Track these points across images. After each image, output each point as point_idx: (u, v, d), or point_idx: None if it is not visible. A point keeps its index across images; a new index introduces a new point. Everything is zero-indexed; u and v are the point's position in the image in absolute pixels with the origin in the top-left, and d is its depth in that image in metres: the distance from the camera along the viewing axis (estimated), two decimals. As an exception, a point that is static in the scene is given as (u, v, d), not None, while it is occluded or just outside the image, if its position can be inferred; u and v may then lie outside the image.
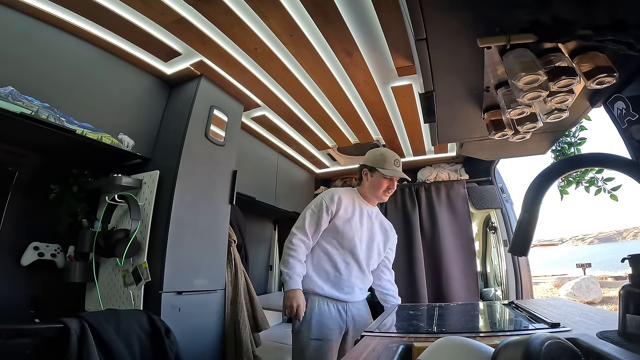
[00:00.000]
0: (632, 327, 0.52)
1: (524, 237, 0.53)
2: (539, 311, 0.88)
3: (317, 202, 1.22)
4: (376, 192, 1.26)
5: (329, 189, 1.30)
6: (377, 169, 1.23)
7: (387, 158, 1.23)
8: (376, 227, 1.31)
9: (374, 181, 1.26)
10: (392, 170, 1.23)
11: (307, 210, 1.22)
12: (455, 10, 0.53)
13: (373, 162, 1.25)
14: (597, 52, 0.52)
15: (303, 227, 1.18)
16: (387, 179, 1.24)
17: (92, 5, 0.96)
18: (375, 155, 1.27)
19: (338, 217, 1.20)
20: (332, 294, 1.17)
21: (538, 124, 0.71)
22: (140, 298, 1.08)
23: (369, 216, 1.30)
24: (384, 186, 1.24)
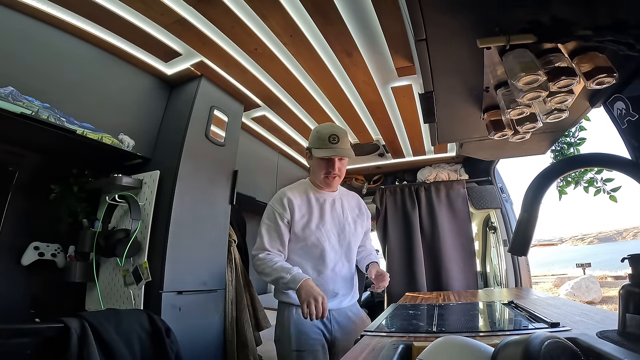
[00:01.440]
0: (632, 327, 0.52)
1: (523, 237, 0.53)
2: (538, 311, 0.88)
3: (269, 213, 1.05)
4: (318, 177, 1.06)
5: (278, 192, 1.10)
6: (312, 149, 1.04)
7: (321, 135, 1.02)
8: (343, 211, 1.12)
9: (313, 165, 1.07)
10: (326, 149, 1.00)
11: (262, 227, 1.04)
12: (454, 10, 0.53)
13: (309, 142, 1.07)
14: (597, 52, 0.52)
15: (263, 247, 1.01)
16: (324, 161, 1.03)
17: (93, 6, 0.96)
18: (311, 135, 1.07)
19: (295, 223, 1.03)
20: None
21: (538, 124, 0.71)
22: (140, 298, 1.08)
23: (332, 204, 1.10)
24: (322, 170, 1.04)
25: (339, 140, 1.01)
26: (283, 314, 1.04)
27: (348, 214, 1.13)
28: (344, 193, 1.18)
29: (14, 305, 1.13)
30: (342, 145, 1.02)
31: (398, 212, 2.20)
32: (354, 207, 1.18)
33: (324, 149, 1.01)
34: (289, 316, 1.01)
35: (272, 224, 1.04)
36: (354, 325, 1.07)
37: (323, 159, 1.02)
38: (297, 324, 0.99)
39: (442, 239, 2.04)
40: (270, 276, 0.97)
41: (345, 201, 1.15)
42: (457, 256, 2.02)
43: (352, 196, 1.20)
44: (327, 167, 1.03)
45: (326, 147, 1.01)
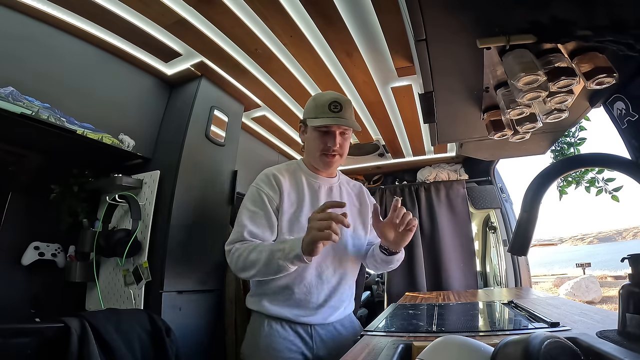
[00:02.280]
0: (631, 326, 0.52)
1: (523, 236, 0.53)
2: (538, 310, 0.88)
3: (253, 196, 0.83)
4: (313, 155, 0.87)
5: (263, 172, 0.89)
6: (307, 120, 0.86)
7: (320, 102, 0.84)
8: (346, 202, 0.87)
9: (307, 141, 0.88)
10: (325, 117, 0.81)
11: (242, 215, 0.82)
12: (454, 11, 0.53)
13: (305, 113, 0.89)
14: (597, 52, 0.52)
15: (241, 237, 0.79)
16: (321, 133, 0.83)
17: (93, 6, 0.96)
18: (307, 104, 0.90)
19: (282, 213, 0.82)
20: (283, 314, 0.83)
21: (537, 124, 0.71)
22: (140, 297, 1.08)
23: (329, 192, 0.90)
24: (319, 144, 0.84)
25: (342, 108, 0.82)
26: (255, 325, 0.86)
27: (349, 205, 0.92)
28: (344, 181, 0.98)
29: (14, 305, 1.13)
30: (346, 114, 0.83)
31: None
32: (354, 198, 0.98)
33: (323, 117, 0.81)
34: (259, 329, 0.83)
35: (259, 209, 0.81)
36: (343, 340, 0.88)
37: (320, 130, 0.82)
38: (268, 339, 0.81)
39: (442, 239, 2.04)
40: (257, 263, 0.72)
41: (344, 191, 0.95)
42: (457, 256, 2.02)
43: (353, 185, 1.01)
44: (326, 141, 0.83)
45: (325, 116, 0.81)
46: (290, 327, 0.84)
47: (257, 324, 0.85)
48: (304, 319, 0.84)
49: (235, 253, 0.78)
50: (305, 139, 0.91)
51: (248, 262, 0.75)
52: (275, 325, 0.84)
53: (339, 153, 0.87)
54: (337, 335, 0.89)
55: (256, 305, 0.87)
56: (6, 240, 1.14)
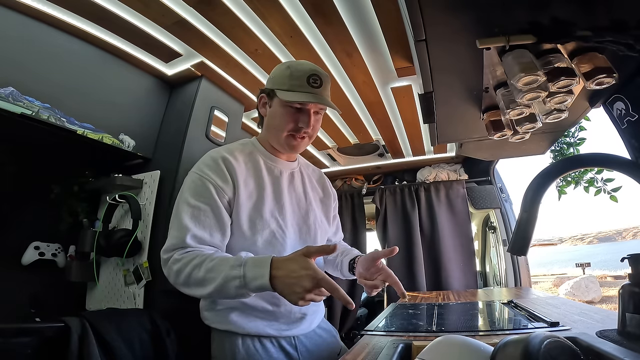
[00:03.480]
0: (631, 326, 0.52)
1: (523, 236, 0.53)
2: (538, 310, 0.88)
3: (195, 186, 0.67)
4: (277, 134, 0.72)
5: (207, 154, 0.73)
6: (276, 91, 0.70)
7: (296, 72, 0.69)
8: (304, 190, 0.80)
9: (273, 114, 0.73)
10: (301, 92, 0.68)
11: (181, 212, 0.66)
12: (454, 11, 0.53)
13: (272, 81, 0.73)
14: (597, 52, 0.52)
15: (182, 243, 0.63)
16: (292, 110, 0.70)
17: (93, 7, 0.96)
18: (277, 70, 0.74)
19: (239, 205, 0.67)
20: (263, 330, 0.69)
21: (537, 124, 0.71)
22: (141, 297, 1.08)
23: (290, 179, 0.78)
24: (288, 122, 0.70)
25: (321, 83, 0.70)
26: (223, 347, 0.69)
27: (310, 195, 0.80)
28: (303, 164, 0.85)
29: (14, 305, 1.13)
30: (325, 92, 0.71)
31: (398, 211, 2.20)
32: (316, 185, 0.85)
33: (299, 92, 0.68)
34: (234, 352, 0.67)
35: (204, 204, 0.65)
36: (326, 345, 0.80)
37: (292, 106, 0.69)
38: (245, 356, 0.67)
39: (442, 239, 2.04)
40: (205, 284, 0.57)
41: (306, 177, 0.83)
42: (457, 256, 2.02)
43: (313, 171, 0.88)
44: (297, 119, 0.70)
45: (303, 90, 0.68)
46: (271, 343, 0.70)
47: (228, 345, 0.68)
48: (287, 332, 0.72)
49: (173, 266, 0.62)
50: (268, 113, 0.74)
51: (192, 281, 0.59)
52: (254, 344, 0.68)
53: (309, 135, 0.74)
54: (321, 342, 0.80)
55: (222, 322, 0.70)
56: (6, 240, 1.14)
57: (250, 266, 0.55)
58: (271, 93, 0.73)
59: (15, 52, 0.94)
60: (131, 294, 1.10)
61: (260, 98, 0.77)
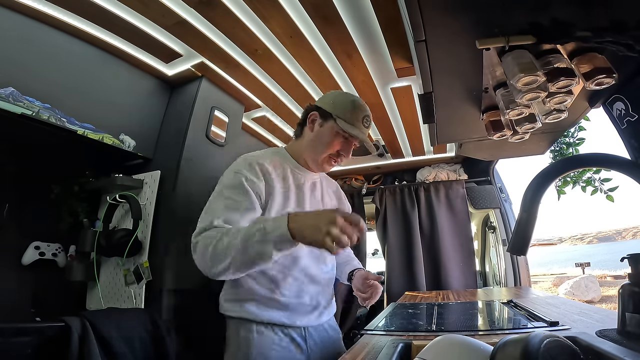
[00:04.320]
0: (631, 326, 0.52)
1: (522, 236, 0.53)
2: (537, 310, 0.88)
3: (231, 181, 0.73)
4: (318, 153, 0.81)
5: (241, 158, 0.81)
6: (335, 118, 0.79)
7: (357, 109, 0.81)
8: (322, 199, 0.89)
9: (323, 134, 0.81)
10: (356, 128, 0.80)
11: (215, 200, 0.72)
12: (454, 12, 0.53)
13: (333, 106, 0.81)
14: (596, 53, 0.52)
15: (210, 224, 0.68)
16: (340, 138, 0.80)
17: (93, 7, 0.96)
18: (340, 99, 0.83)
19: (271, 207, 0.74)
20: (276, 319, 0.75)
21: (537, 124, 0.71)
22: (141, 297, 1.08)
23: (312, 188, 0.86)
24: (334, 146, 0.80)
25: (369, 125, 0.84)
26: (237, 335, 0.75)
27: (328, 204, 0.91)
28: (323, 177, 0.95)
29: (14, 305, 1.13)
30: (368, 132, 0.85)
31: (397, 211, 2.19)
32: (333, 195, 0.96)
33: (356, 128, 0.80)
34: (248, 338, 0.73)
35: (239, 197, 0.69)
36: (332, 342, 0.86)
37: (343, 135, 0.79)
38: (260, 349, 0.71)
39: (442, 239, 2.04)
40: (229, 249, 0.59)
41: (325, 187, 0.93)
42: (457, 255, 2.02)
43: (330, 182, 0.98)
44: (341, 147, 0.81)
45: (359, 127, 0.80)
46: (283, 332, 0.76)
47: (244, 332, 0.74)
48: (298, 321, 0.78)
49: (200, 243, 0.64)
50: (317, 130, 0.81)
51: (219, 251, 0.60)
52: (267, 331, 0.74)
53: (341, 162, 0.86)
54: (327, 338, 0.85)
55: (238, 311, 0.76)
56: (7, 240, 1.14)
57: (269, 220, 0.60)
58: (327, 115, 0.82)
59: (16, 52, 0.94)
60: (131, 294, 1.10)
61: (312, 115, 0.84)
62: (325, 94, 0.88)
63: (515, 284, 1.89)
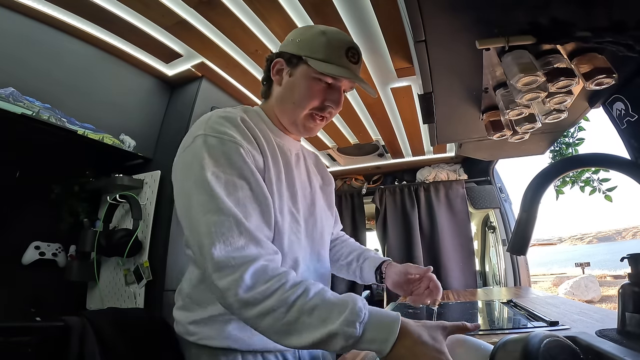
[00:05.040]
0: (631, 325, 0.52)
1: (522, 236, 0.53)
2: (537, 309, 0.88)
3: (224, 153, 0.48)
4: (295, 111, 0.59)
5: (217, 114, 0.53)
6: (306, 60, 0.57)
7: (333, 42, 0.57)
8: (308, 175, 0.67)
9: (294, 85, 0.58)
10: (339, 66, 0.57)
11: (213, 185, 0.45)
12: (454, 12, 0.53)
13: (299, 45, 0.58)
14: (596, 53, 0.52)
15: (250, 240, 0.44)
16: (322, 84, 0.58)
17: (93, 8, 0.96)
18: (308, 33, 0.59)
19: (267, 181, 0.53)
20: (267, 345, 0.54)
21: (537, 124, 0.71)
22: (141, 297, 1.08)
23: (297, 161, 0.64)
24: (313, 97, 0.58)
25: (358, 59, 0.59)
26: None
27: (314, 182, 0.68)
28: (302, 146, 0.72)
29: (14, 304, 1.13)
30: (359, 69, 0.60)
31: (397, 211, 2.20)
32: (315, 170, 0.72)
33: (338, 65, 0.56)
34: None
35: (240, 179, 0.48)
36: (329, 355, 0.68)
37: (323, 79, 0.57)
38: None
39: (442, 239, 2.04)
40: (301, 329, 0.40)
41: (309, 160, 0.71)
42: (456, 255, 2.02)
43: (308, 153, 0.74)
44: (325, 95, 0.58)
45: (341, 64, 0.56)
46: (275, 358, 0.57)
47: None
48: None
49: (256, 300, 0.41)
50: (285, 83, 0.59)
51: (281, 325, 0.40)
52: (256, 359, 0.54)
53: (330, 116, 0.61)
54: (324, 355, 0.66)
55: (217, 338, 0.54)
56: (7, 239, 1.14)
57: (373, 326, 0.40)
58: (295, 60, 0.58)
59: (17, 52, 0.94)
60: (132, 294, 1.10)
61: (276, 63, 0.60)
62: (291, 33, 0.63)
63: (515, 284, 1.89)
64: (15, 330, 0.72)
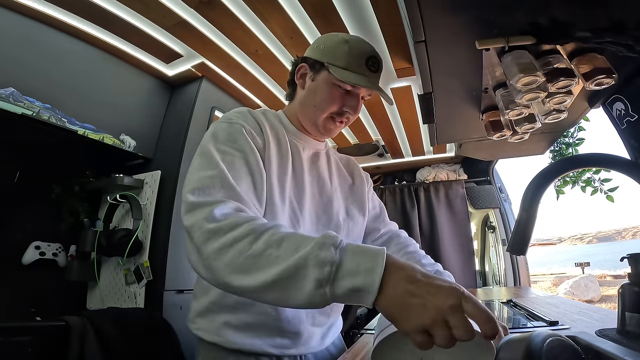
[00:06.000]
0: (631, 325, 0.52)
1: (522, 236, 0.53)
2: (537, 309, 0.88)
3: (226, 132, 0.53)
4: (316, 113, 0.62)
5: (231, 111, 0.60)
6: (328, 66, 0.60)
7: (355, 50, 0.60)
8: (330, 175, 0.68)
9: (316, 89, 0.62)
10: (360, 74, 0.59)
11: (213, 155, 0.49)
12: (453, 12, 0.53)
13: (323, 53, 0.62)
14: (596, 53, 0.52)
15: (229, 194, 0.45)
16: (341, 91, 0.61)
17: (94, 8, 0.96)
18: (331, 42, 0.62)
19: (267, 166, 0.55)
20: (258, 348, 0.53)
21: (536, 124, 0.71)
22: (141, 296, 1.08)
23: (313, 160, 0.66)
24: (334, 102, 0.61)
25: (378, 68, 0.63)
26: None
27: (336, 182, 0.68)
28: (331, 149, 0.75)
29: (14, 304, 1.13)
30: (378, 78, 0.64)
31: (397, 211, 2.20)
32: (345, 171, 0.73)
33: (357, 73, 0.59)
34: None
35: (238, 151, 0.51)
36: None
37: (343, 86, 0.60)
38: None
39: (441, 238, 2.04)
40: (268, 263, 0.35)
41: (333, 161, 0.72)
42: (456, 255, 2.02)
43: (341, 157, 0.77)
44: (344, 102, 0.61)
45: (361, 72, 0.59)
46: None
47: None
48: (292, 350, 0.55)
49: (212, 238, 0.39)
50: (308, 86, 0.63)
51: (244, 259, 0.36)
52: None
53: (349, 121, 0.65)
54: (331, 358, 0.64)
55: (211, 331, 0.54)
56: (7, 239, 1.14)
57: (353, 252, 0.34)
58: (318, 65, 0.62)
59: (17, 52, 0.94)
60: (132, 293, 1.10)
61: (300, 67, 0.65)
62: (315, 41, 0.67)
63: (514, 284, 1.89)
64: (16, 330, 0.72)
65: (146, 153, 1.27)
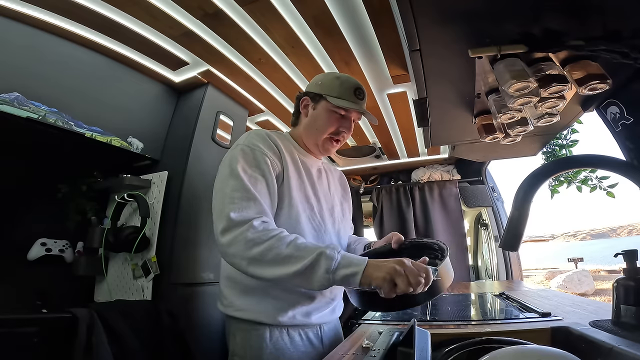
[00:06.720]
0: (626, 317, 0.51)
1: (514, 233, 0.52)
2: (529, 302, 0.87)
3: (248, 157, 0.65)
4: (318, 135, 0.76)
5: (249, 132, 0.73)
6: (326, 97, 0.74)
7: (345, 83, 0.75)
8: (329, 187, 0.83)
9: (317, 116, 0.76)
10: (350, 101, 0.73)
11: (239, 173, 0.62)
12: (447, 22, 0.52)
13: (321, 87, 0.76)
14: (589, 60, 0.51)
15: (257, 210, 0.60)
16: (336, 115, 0.74)
17: (104, 20, 0.96)
18: (327, 78, 0.77)
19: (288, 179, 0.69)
20: (293, 320, 0.65)
21: (529, 127, 0.71)
22: (149, 290, 1.07)
23: (318, 175, 0.81)
24: (331, 124, 0.74)
25: (364, 97, 0.77)
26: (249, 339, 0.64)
27: (333, 192, 0.84)
28: (326, 163, 0.89)
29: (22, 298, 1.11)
30: (365, 104, 0.78)
31: (393, 210, 2.19)
32: (338, 184, 0.90)
33: (348, 100, 0.73)
34: (261, 343, 0.62)
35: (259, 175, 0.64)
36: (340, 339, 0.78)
37: (338, 111, 0.74)
38: (272, 348, 0.62)
39: (436, 235, 2.03)
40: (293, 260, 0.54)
41: (329, 174, 0.87)
42: (450, 251, 2.00)
43: (334, 169, 0.93)
44: (340, 124, 0.75)
45: (349, 100, 0.73)
46: (299, 335, 0.67)
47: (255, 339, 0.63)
48: (315, 318, 0.68)
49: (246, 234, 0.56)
50: (311, 114, 0.77)
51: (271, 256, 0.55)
52: (282, 336, 0.64)
53: (343, 139, 0.79)
54: (337, 334, 0.78)
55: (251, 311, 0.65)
56: (16, 237, 1.12)
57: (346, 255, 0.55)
58: (317, 97, 0.77)
59: (28, 63, 0.93)
60: (139, 287, 1.09)
61: (303, 100, 0.79)
62: (313, 79, 0.81)
63: (507, 278, 1.89)
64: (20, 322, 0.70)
65: (153, 155, 1.27)
